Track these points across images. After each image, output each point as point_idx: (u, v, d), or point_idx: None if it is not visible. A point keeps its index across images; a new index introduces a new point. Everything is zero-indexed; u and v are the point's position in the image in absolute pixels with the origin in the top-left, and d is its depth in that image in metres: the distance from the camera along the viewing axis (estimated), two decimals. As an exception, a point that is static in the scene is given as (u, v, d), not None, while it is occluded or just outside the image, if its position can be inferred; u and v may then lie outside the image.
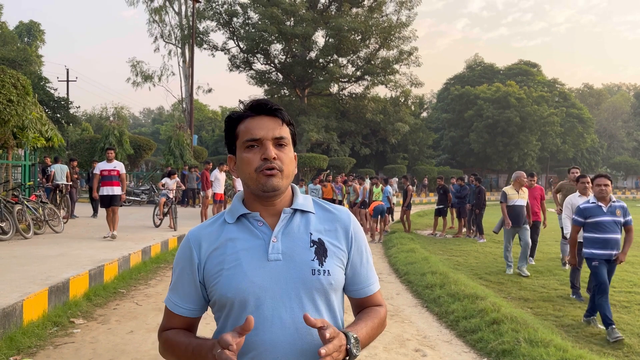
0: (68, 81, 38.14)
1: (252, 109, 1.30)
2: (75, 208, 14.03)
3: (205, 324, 1.33)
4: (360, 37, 33.59)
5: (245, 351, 1.19)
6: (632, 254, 9.43)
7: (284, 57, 35.37)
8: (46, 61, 55.30)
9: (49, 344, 4.39)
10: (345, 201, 16.28)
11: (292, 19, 33.01)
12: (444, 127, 50.02)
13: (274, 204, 1.31)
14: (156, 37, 34.52)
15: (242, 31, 33.88)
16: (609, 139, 63.07)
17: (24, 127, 10.21)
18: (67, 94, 35.91)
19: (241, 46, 34.73)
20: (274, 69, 36.21)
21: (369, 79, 36.11)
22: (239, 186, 14.59)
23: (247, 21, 34.14)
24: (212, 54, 36.68)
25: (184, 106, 32.81)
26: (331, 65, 33.87)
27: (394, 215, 16.40)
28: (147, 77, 34.34)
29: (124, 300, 5.96)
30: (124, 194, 9.25)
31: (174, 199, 11.78)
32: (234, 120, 1.33)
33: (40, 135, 11.05)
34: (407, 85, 37.18)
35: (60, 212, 11.25)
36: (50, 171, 13.17)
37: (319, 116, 34.74)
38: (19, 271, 5.98)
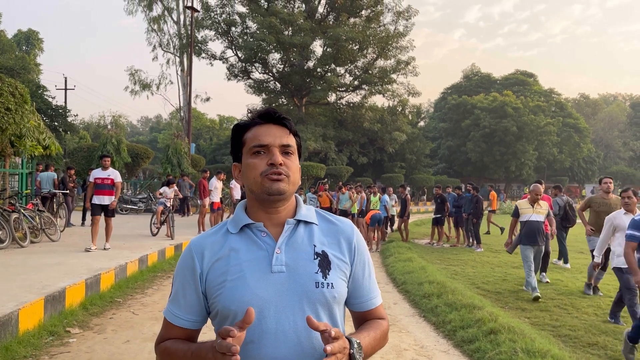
0: (66, 89, 38.13)
1: (261, 117, 1.31)
2: (72, 216, 14.00)
3: (202, 333, 1.32)
4: (357, 46, 33.75)
5: None
6: None
7: (282, 66, 35.50)
8: (44, 69, 55.38)
9: (45, 353, 4.36)
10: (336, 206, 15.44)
11: (290, 28, 33.19)
12: (441, 136, 50.25)
13: (278, 212, 1.30)
14: (154, 46, 34.60)
15: (241, 40, 34.02)
16: (605, 148, 63.46)
17: (21, 136, 10.22)
18: (65, 102, 35.93)
19: (239, 55, 34.86)
20: (272, 78, 36.33)
21: (366, 88, 36.24)
22: (237, 195, 14.57)
23: (245, 30, 34.29)
24: (211, 63, 36.61)
25: (181, 115, 32.81)
26: (329, 74, 33.98)
27: (394, 225, 16.05)
28: (145, 86, 34.35)
29: (120, 310, 5.93)
30: (115, 201, 9.00)
31: (172, 207, 11.78)
32: (241, 127, 1.33)
33: (37, 143, 11.05)
34: (405, 94, 37.33)
35: (57, 221, 11.20)
36: (36, 180, 12.84)
37: (316, 125, 34.79)
38: (15, 280, 5.96)
